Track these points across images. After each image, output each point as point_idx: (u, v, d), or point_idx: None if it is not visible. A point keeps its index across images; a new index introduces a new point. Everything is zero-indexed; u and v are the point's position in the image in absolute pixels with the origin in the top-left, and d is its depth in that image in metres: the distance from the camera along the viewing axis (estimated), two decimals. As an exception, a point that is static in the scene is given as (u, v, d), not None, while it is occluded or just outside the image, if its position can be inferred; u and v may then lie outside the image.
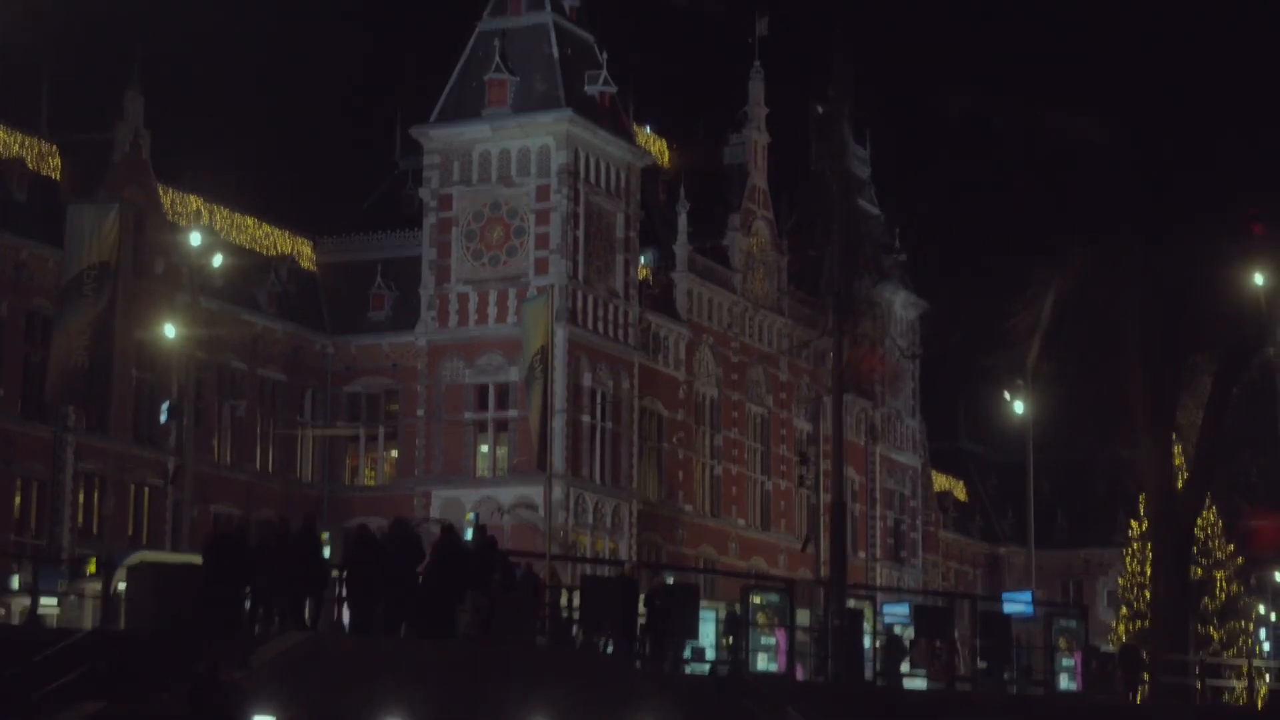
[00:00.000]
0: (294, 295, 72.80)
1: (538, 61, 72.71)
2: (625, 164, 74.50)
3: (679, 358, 77.63)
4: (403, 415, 72.49)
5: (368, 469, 74.18)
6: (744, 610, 38.39)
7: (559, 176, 70.79)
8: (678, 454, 77.44)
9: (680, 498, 77.40)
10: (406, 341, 72.38)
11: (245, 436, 69.71)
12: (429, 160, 72.83)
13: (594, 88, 73.53)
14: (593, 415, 71.78)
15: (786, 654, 38.61)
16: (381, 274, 73.79)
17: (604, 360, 72.27)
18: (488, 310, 71.19)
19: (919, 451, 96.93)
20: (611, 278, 73.33)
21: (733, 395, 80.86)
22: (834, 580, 39.06)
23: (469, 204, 71.82)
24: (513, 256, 71.09)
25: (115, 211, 33.06)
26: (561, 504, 69.44)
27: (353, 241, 75.78)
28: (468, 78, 72.97)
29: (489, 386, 71.00)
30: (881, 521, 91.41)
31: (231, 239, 71.08)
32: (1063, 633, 42.78)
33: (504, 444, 71.03)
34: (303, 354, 72.44)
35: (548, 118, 71.13)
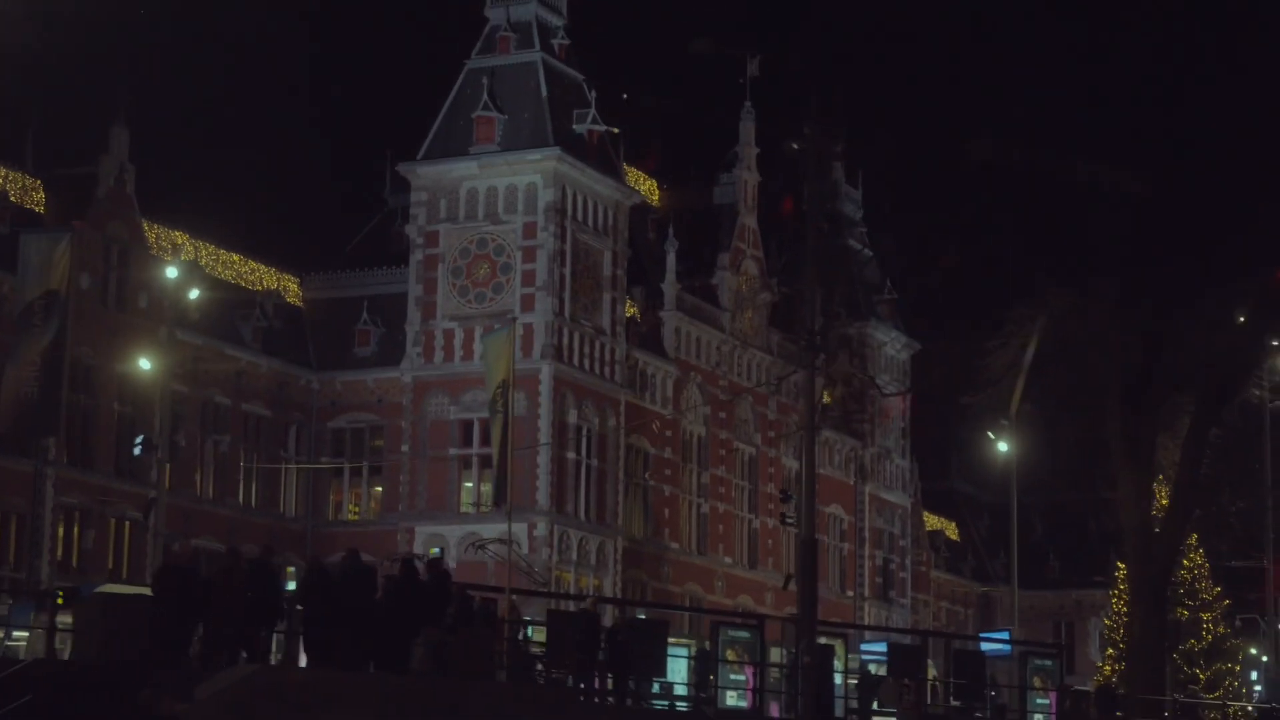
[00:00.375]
0: (279, 331, 72.73)
1: (526, 100, 72.76)
2: (613, 202, 74.51)
3: (666, 395, 77.52)
4: (387, 451, 72.39)
5: (352, 504, 74.07)
6: (714, 647, 38.23)
7: (546, 214, 70.80)
8: (664, 491, 77.27)
9: (666, 535, 77.21)
10: (392, 377, 72.32)
11: (228, 471, 69.57)
12: (416, 197, 72.86)
13: (582, 126, 73.59)
14: (578, 452, 71.63)
15: (755, 691, 38.46)
16: (368, 310, 73.74)
17: (590, 397, 72.16)
18: (473, 347, 71.00)
19: (909, 491, 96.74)
20: (599, 315, 73.27)
21: (720, 433, 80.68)
22: (803, 617, 38.79)
23: (455, 241, 71.81)
24: (499, 293, 71.03)
25: (67, 241, 32.97)
26: (545, 540, 69.40)
27: (339, 278, 75.80)
28: (456, 115, 73.02)
29: (474, 422, 70.81)
30: (870, 560, 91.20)
31: (217, 274, 71.23)
32: (1038, 672, 42.61)
33: (488, 480, 70.70)
34: (288, 389, 72.34)
35: (535, 155, 71.17)
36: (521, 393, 70.16)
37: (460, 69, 74.03)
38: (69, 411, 62.23)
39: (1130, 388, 44.16)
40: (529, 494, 69.67)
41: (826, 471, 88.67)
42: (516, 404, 70.05)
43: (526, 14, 73.77)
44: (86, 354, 62.49)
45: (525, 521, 69.57)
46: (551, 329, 70.12)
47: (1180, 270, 43.40)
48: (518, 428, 70.12)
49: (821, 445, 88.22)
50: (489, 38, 73.94)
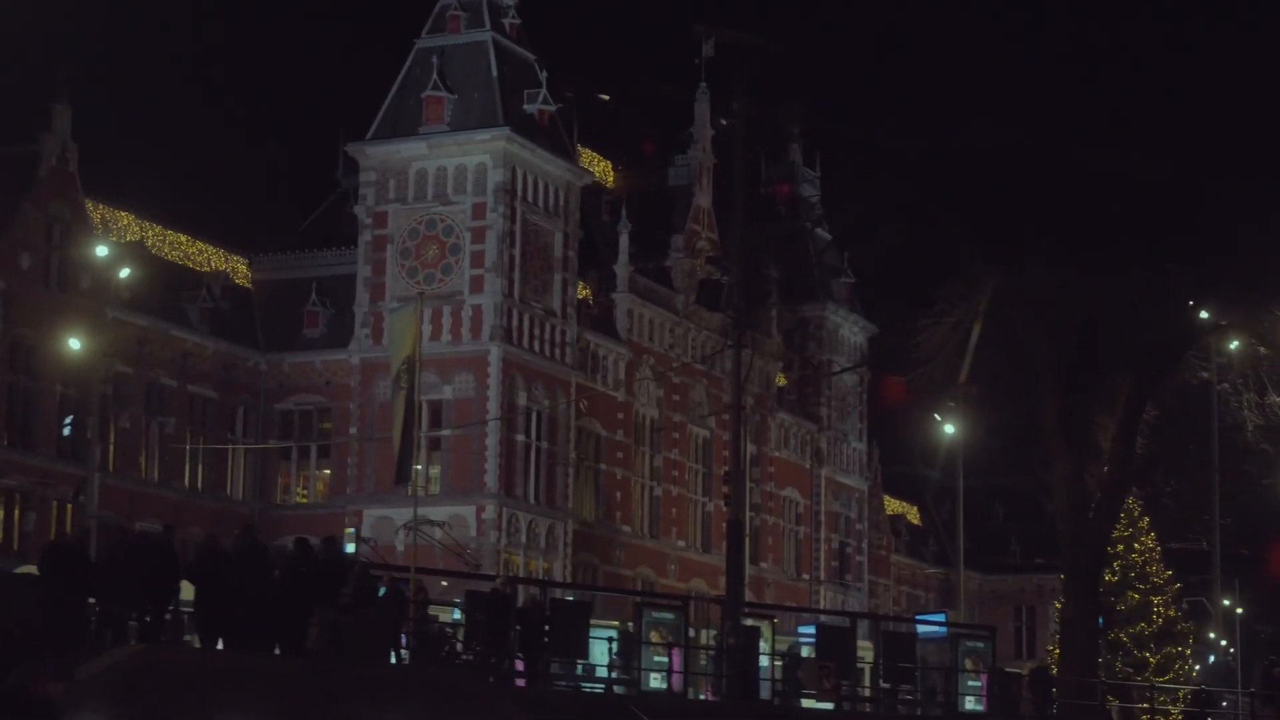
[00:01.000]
0: (227, 312, 72.20)
1: (476, 79, 72.22)
2: (565, 183, 74.02)
3: (618, 378, 77.08)
4: (335, 433, 71.90)
5: (299, 487, 73.56)
6: (637, 628, 37.87)
7: (495, 195, 70.31)
8: (616, 474, 76.83)
9: (618, 518, 76.80)
10: (340, 359, 71.83)
11: (174, 454, 68.99)
12: (365, 178, 72.35)
13: (533, 106, 73.07)
14: (527, 434, 71.18)
15: (681, 673, 38.12)
16: (316, 291, 73.25)
17: (540, 379, 71.71)
18: (422, 328, 70.33)
19: (866, 475, 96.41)
20: (549, 297, 72.81)
21: (674, 416, 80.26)
22: (729, 598, 38.47)
23: (404, 222, 71.29)
24: (448, 275, 70.55)
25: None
26: (494, 523, 69.02)
27: (288, 259, 75.30)
28: (405, 95, 72.48)
29: (422, 405, 70.12)
30: (826, 544, 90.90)
31: (163, 255, 70.70)
32: (970, 654, 42.28)
33: (437, 463, 70.40)
34: (235, 371, 71.82)
35: (485, 135, 70.64)
36: (470, 374, 69.89)
37: (410, 48, 73.46)
38: (9, 392, 62.03)
39: (1066, 368, 43.90)
40: (477, 477, 69.35)
41: (782, 455, 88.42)
42: (465, 386, 70.00)
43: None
44: (27, 335, 62.05)
45: (473, 504, 69.30)
46: (501, 310, 69.67)
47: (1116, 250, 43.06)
48: (466, 409, 69.92)
49: (777, 428, 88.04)
50: (439, 17, 73.39)
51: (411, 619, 30.00)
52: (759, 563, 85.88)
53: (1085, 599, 43.10)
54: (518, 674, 32.14)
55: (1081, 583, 43.27)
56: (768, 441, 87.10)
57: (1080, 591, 43.17)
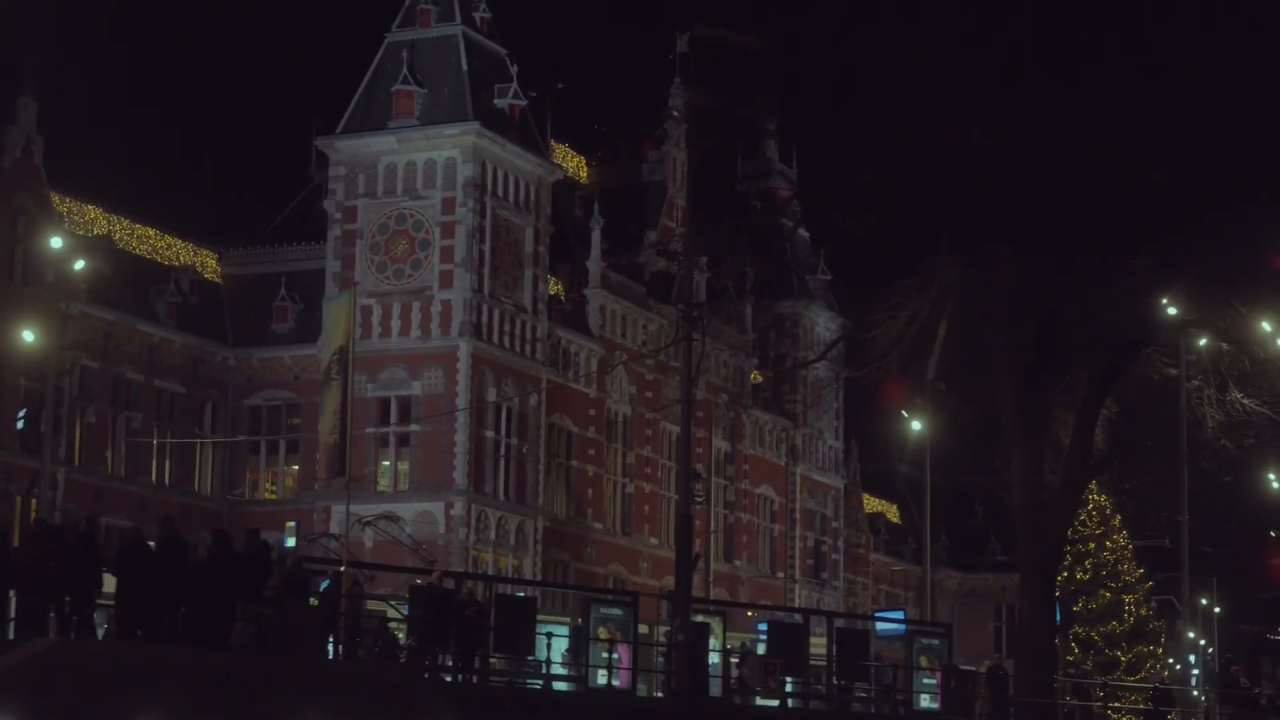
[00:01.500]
0: (196, 307, 71.79)
1: (446, 73, 71.83)
2: (536, 178, 73.64)
3: (590, 374, 76.71)
4: (304, 429, 71.50)
5: (268, 482, 73.16)
6: (585, 624, 37.55)
7: (465, 189, 69.91)
8: (588, 471, 76.48)
9: (590, 515, 76.45)
10: (309, 354, 71.26)
11: (140, 448, 68.58)
12: (334, 172, 71.93)
13: (504, 100, 72.69)
14: (497, 431, 70.80)
15: (630, 670, 37.79)
16: (286, 286, 72.87)
17: (510, 375, 71.33)
18: (391, 324, 70.26)
19: (841, 472, 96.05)
20: (520, 292, 72.42)
21: (646, 413, 79.88)
22: (678, 594, 38.11)
23: (374, 216, 70.88)
24: (417, 270, 70.15)
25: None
26: (463, 520, 68.65)
27: (258, 254, 74.92)
28: (375, 89, 72.08)
29: (391, 400, 70.08)
30: (801, 542, 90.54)
31: (131, 249, 70.32)
32: (925, 651, 41.98)
33: (406, 458, 70.07)
34: (203, 366, 71.43)
35: (454, 130, 70.24)
36: (440, 370, 69.52)
37: (381, 42, 73.09)
38: (-29, 386, 61.64)
39: (1024, 362, 43.58)
40: (446, 473, 68.98)
41: (757, 452, 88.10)
42: (434, 381, 69.61)
43: (449, -14, 72.86)
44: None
45: (442, 500, 68.93)
46: (470, 306, 69.30)
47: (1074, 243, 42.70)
48: (435, 405, 69.54)
49: (752, 425, 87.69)
50: (410, 10, 72.96)
51: (344, 613, 29.59)
52: (733, 560, 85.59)
53: (1042, 596, 42.74)
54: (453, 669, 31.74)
55: (1039, 579, 42.92)
56: (742, 439, 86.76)
57: (1037, 588, 42.82)
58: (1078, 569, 70.76)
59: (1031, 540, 43.33)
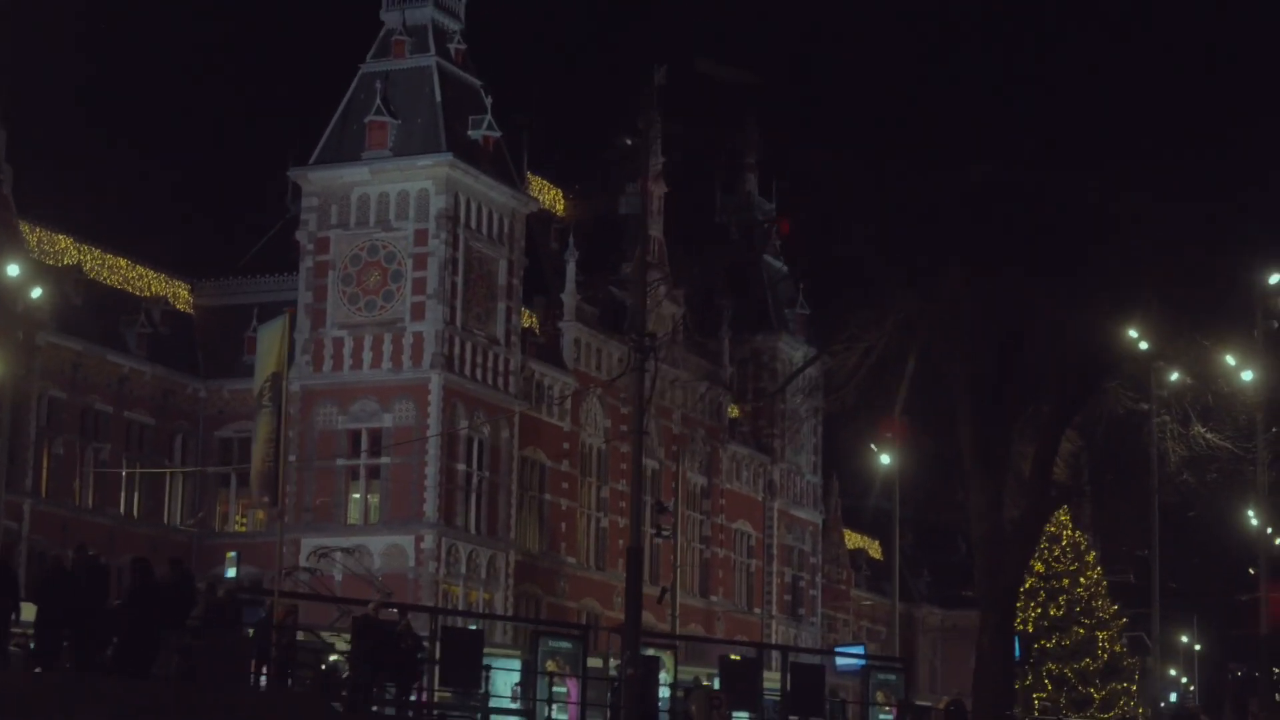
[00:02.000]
0: (167, 338, 71.49)
1: (420, 105, 71.68)
2: (510, 210, 73.42)
3: (564, 407, 76.35)
4: (275, 461, 70.95)
5: (238, 515, 72.73)
6: (533, 657, 37.17)
7: (437, 221, 69.72)
8: (561, 505, 76.08)
9: (563, 549, 76.01)
10: (280, 386, 70.88)
11: (109, 480, 68.19)
12: (307, 203, 71.77)
13: (478, 132, 72.54)
14: (468, 463, 70.42)
15: (579, 704, 37.38)
16: (258, 317, 72.20)
17: (482, 408, 70.98)
18: (362, 355, 70.02)
19: (819, 508, 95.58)
20: (493, 325, 72.10)
21: (621, 447, 79.38)
22: (628, 627, 37.71)
23: (346, 248, 70.67)
24: (389, 301, 69.92)
25: None
26: (433, 553, 68.28)
27: (230, 284, 74.66)
28: (349, 120, 71.96)
29: (362, 432, 69.77)
30: (779, 578, 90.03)
31: (102, 279, 70.07)
32: (881, 686, 41.59)
33: (376, 491, 69.72)
34: (173, 397, 71.06)
35: (427, 161, 70.10)
36: (410, 402, 69.19)
37: (355, 73, 72.94)
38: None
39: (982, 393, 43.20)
40: (416, 505, 68.64)
41: (733, 487, 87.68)
42: (405, 413, 69.26)
43: (423, 18, 72.71)
44: (-44, 358, 61.21)
45: (412, 534, 68.58)
46: (442, 338, 69.02)
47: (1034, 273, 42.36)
48: (406, 437, 69.17)
49: (729, 460, 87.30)
50: (384, 41, 72.92)
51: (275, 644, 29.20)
52: (709, 595, 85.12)
53: (1001, 631, 42.23)
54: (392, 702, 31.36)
55: (997, 615, 42.41)
56: (719, 473, 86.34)
57: (996, 623, 42.29)
58: (1051, 605, 70.29)
59: (990, 575, 42.85)
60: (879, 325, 42.18)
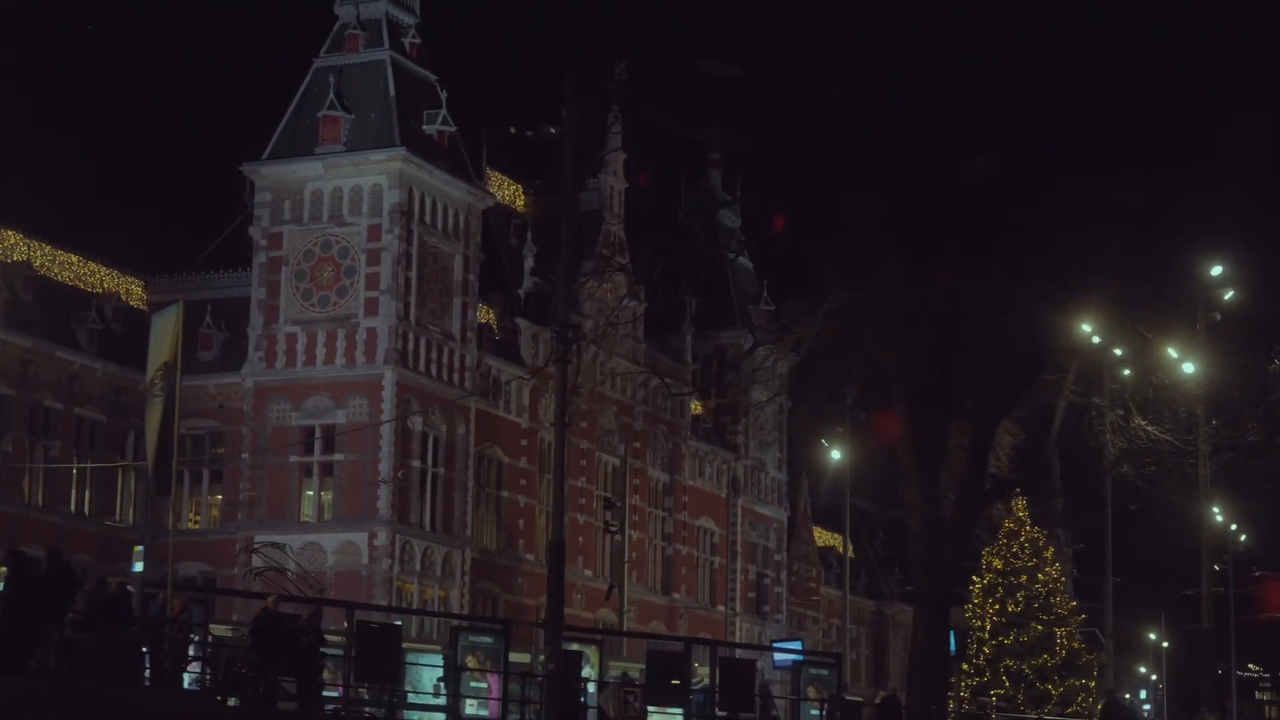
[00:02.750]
0: (119, 334, 70.86)
1: (374, 99, 71.15)
2: (465, 205, 72.91)
3: (522, 404, 75.81)
4: (227, 458, 70.61)
5: (191, 513, 72.15)
6: (453, 653, 36.64)
7: (391, 216, 69.19)
8: (519, 502, 75.54)
9: (521, 546, 75.46)
10: (233, 383, 70.58)
11: (59, 477, 67.62)
12: (260, 198, 71.20)
13: (432, 126, 72.00)
14: (423, 460, 69.89)
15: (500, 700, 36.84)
16: (211, 314, 71.96)
17: (437, 404, 70.47)
18: (316, 351, 69.48)
19: (784, 505, 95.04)
20: (448, 320, 71.59)
21: (581, 443, 78.90)
22: (550, 622, 37.21)
23: (299, 243, 70.15)
24: (343, 297, 69.40)
25: None
26: (386, 550, 67.75)
27: (184, 281, 74.03)
28: (302, 115, 71.43)
29: (315, 429, 69.25)
30: (743, 575, 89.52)
31: (53, 275, 69.52)
32: (813, 681, 41.10)
33: (329, 488, 69.18)
34: (125, 394, 70.34)
35: (380, 155, 69.57)
36: (364, 398, 68.66)
37: (309, 67, 72.43)
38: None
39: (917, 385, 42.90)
40: (369, 502, 68.10)
41: (697, 484, 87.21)
42: (358, 410, 68.71)
43: (376, 12, 72.21)
44: (-102, 354, 60.84)
45: (365, 531, 68.05)
46: (396, 333, 68.51)
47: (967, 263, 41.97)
48: (357, 433, 68.66)
49: (691, 457, 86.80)
50: (338, 35, 72.40)
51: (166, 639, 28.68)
52: (671, 593, 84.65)
53: (935, 625, 41.86)
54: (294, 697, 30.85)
55: (931, 609, 42.05)
56: (681, 470, 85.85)
57: (930, 618, 41.95)
58: (1009, 602, 69.65)
59: (924, 569, 42.50)
60: (809, 316, 41.84)
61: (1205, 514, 46.06)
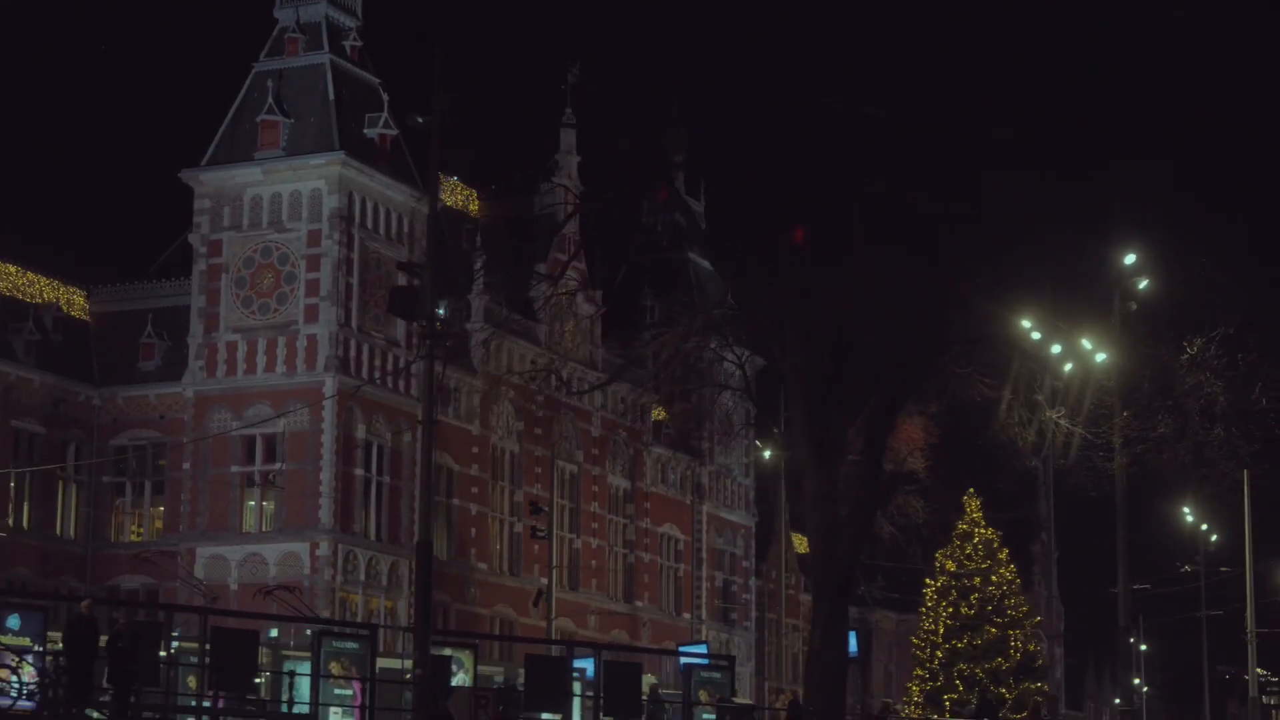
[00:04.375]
0: (59, 345, 70.11)
1: (313, 103, 70.27)
2: (409, 209, 71.94)
3: (472, 410, 74.75)
4: (169, 469, 69.74)
5: (134, 525, 71.28)
6: (315, 659, 35.65)
7: (330, 221, 68.28)
8: (470, 510, 74.46)
9: (473, 555, 74.37)
10: (174, 392, 69.72)
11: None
12: (199, 205, 70.35)
13: (374, 130, 71.10)
14: (367, 469, 68.91)
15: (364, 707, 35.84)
16: (153, 323, 71.18)
17: (381, 411, 69.50)
18: (256, 360, 68.62)
19: (753, 511, 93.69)
20: (392, 327, 70.55)
21: (535, 450, 77.80)
22: (418, 626, 36.21)
23: (239, 250, 69.29)
24: (283, 304, 68.51)
25: None
26: (329, 560, 66.82)
27: (126, 290, 73.35)
28: (241, 120, 70.61)
29: (256, 438, 68.32)
30: (709, 582, 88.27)
31: (-11, 286, 68.94)
32: (704, 685, 40.02)
33: (271, 498, 68.25)
34: (65, 406, 69.60)
35: (319, 160, 68.71)
36: (305, 406, 67.68)
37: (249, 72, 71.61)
38: None
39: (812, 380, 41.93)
40: (312, 512, 67.17)
41: (660, 490, 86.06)
42: (299, 419, 67.75)
43: (316, 15, 71.34)
44: None
45: (307, 541, 67.10)
46: (336, 340, 67.60)
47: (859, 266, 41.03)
48: (300, 442, 67.72)
49: (654, 463, 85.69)
50: (277, 39, 71.56)
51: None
52: (634, 601, 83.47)
53: (832, 624, 40.72)
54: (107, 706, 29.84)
55: (829, 606, 40.92)
56: (643, 476, 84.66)
57: (828, 617, 40.81)
58: (962, 604, 68.57)
59: (822, 567, 41.40)
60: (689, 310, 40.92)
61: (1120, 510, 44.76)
